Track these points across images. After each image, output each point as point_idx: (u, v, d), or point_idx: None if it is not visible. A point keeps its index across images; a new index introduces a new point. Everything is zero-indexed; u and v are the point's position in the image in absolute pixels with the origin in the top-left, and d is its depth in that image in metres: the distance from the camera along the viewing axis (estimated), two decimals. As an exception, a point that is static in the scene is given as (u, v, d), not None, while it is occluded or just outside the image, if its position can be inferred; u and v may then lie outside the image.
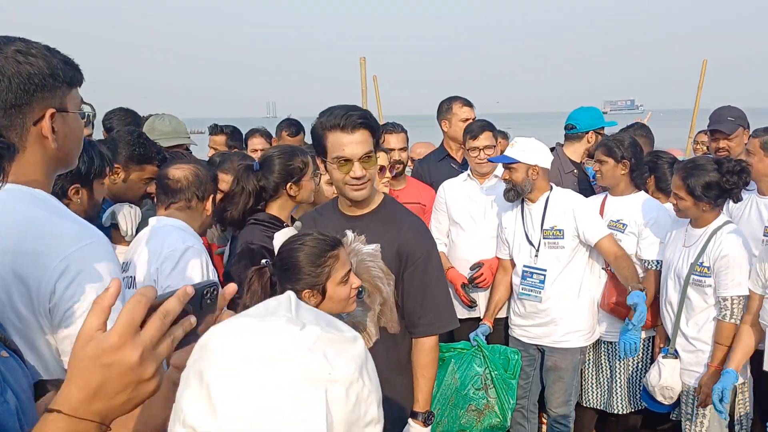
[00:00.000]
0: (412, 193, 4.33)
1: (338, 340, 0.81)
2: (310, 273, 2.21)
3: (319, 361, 0.77)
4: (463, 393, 3.60)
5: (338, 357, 0.79)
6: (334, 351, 0.79)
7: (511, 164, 3.66)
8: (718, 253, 3.31)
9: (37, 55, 1.44)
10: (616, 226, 3.84)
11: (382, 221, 2.58)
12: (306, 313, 0.85)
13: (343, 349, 0.80)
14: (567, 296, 3.74)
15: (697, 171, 3.32)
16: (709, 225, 3.40)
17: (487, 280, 4.01)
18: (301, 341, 0.78)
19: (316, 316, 0.85)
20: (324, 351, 0.78)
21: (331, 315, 0.98)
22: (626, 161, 3.83)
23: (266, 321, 0.80)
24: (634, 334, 3.57)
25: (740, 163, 3.37)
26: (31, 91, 1.43)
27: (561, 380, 3.80)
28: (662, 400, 3.53)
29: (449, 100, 4.76)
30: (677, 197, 3.38)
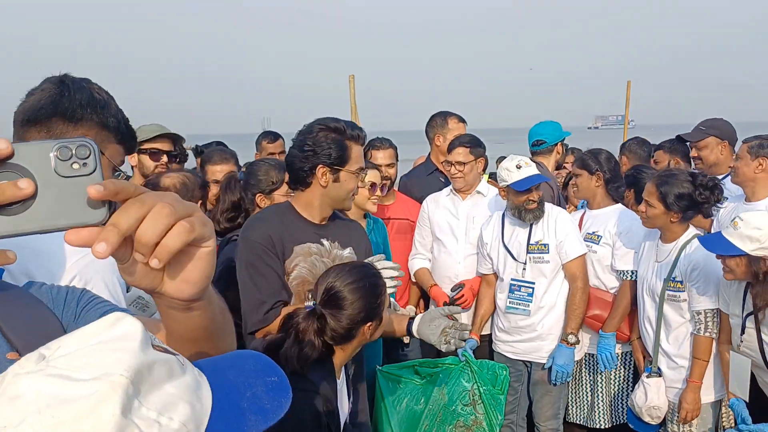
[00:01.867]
0: (401, 208, 4.33)
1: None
2: (372, 305, 2.17)
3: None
4: (451, 409, 3.60)
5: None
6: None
7: (539, 183, 3.68)
8: (688, 267, 3.34)
9: (111, 99, 1.61)
10: (591, 238, 3.89)
11: (340, 226, 2.69)
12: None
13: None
14: (553, 312, 3.77)
15: (672, 180, 3.35)
16: (678, 239, 3.43)
17: (468, 301, 4.02)
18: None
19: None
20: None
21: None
22: (600, 173, 3.89)
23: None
24: (608, 344, 3.64)
25: (714, 179, 3.41)
26: (83, 114, 1.55)
27: (549, 394, 3.82)
28: (649, 420, 3.52)
29: (444, 114, 4.73)
30: (648, 204, 3.40)
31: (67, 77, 1.56)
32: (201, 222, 0.77)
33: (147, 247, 0.73)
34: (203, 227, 0.77)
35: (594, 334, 3.85)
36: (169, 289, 0.81)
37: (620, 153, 5.13)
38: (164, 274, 0.80)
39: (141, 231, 0.72)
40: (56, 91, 1.53)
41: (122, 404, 0.63)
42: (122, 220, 0.72)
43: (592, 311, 3.77)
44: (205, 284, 0.83)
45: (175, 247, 0.74)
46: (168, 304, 0.85)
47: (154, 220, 0.72)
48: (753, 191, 3.71)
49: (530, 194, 3.67)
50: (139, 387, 0.67)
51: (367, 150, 4.39)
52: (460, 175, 4.03)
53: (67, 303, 1.19)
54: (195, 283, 0.81)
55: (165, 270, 0.79)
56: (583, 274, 3.73)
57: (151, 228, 0.72)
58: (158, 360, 0.70)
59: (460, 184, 4.08)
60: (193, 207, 0.78)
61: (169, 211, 0.73)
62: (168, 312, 0.88)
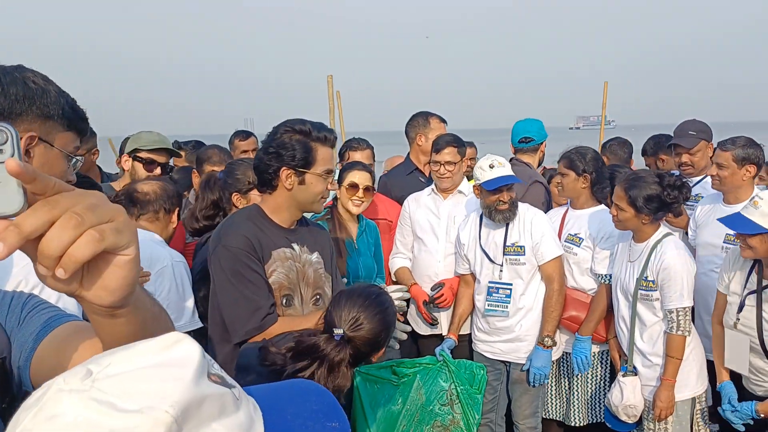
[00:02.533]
0: (380, 209, 4.32)
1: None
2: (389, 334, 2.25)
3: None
4: (429, 409, 3.60)
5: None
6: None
7: (513, 184, 3.68)
8: (660, 266, 3.36)
9: (48, 86, 1.48)
10: (573, 240, 3.89)
11: (308, 230, 2.67)
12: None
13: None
14: (531, 313, 3.78)
15: (639, 183, 3.37)
16: (650, 239, 3.45)
17: (447, 300, 4.02)
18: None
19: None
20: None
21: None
22: (587, 175, 3.87)
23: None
24: (584, 347, 3.66)
25: (681, 179, 3.44)
26: (22, 108, 1.44)
27: (527, 393, 3.83)
28: (626, 419, 3.54)
29: (425, 114, 4.73)
30: (618, 208, 3.42)
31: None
32: (116, 230, 0.72)
33: (50, 259, 0.68)
34: (118, 235, 0.73)
35: (571, 335, 3.86)
36: (88, 295, 0.76)
37: (601, 153, 5.16)
38: (81, 281, 0.75)
39: (44, 242, 0.68)
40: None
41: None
42: (27, 222, 0.67)
43: (569, 312, 3.78)
44: (126, 292, 0.78)
45: (81, 257, 0.69)
46: (90, 309, 0.81)
47: (60, 230, 0.68)
48: (736, 196, 3.69)
49: (500, 194, 3.66)
50: (183, 425, 0.61)
51: (345, 151, 4.39)
52: (449, 175, 4.03)
53: (11, 308, 1.16)
54: (113, 291, 0.77)
55: (81, 276, 0.75)
56: (559, 276, 3.74)
57: (55, 240, 0.68)
58: (211, 394, 0.65)
59: (447, 183, 4.08)
60: (113, 212, 0.73)
61: (77, 222, 0.69)
62: (92, 318, 0.84)
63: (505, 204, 3.67)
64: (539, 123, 4.81)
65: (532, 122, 4.78)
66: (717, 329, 3.37)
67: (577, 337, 3.79)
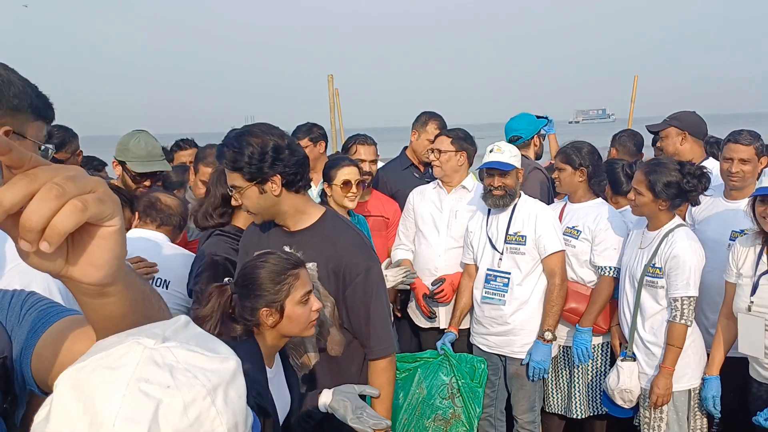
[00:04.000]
0: (376, 206, 4.34)
1: (201, 359, 0.78)
2: (269, 290, 2.17)
3: (160, 373, 0.74)
4: (430, 402, 3.63)
5: (188, 373, 0.76)
6: (185, 368, 0.76)
7: (508, 171, 3.70)
8: (669, 254, 3.37)
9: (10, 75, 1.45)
10: (571, 233, 3.90)
11: (321, 236, 2.54)
12: (185, 333, 0.82)
13: (200, 368, 0.77)
14: (526, 307, 3.79)
15: (660, 168, 3.39)
16: (663, 227, 3.46)
17: (447, 296, 4.04)
18: (150, 354, 0.76)
19: (194, 337, 0.82)
20: (172, 366, 0.76)
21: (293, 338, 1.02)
22: (584, 168, 3.89)
23: (133, 337, 0.78)
24: (584, 338, 3.67)
25: (701, 168, 3.45)
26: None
27: (524, 388, 3.84)
28: (622, 403, 3.57)
29: (429, 115, 4.76)
30: (636, 192, 3.43)
31: None
32: (98, 200, 0.70)
33: (32, 232, 0.66)
34: (102, 205, 0.71)
35: (571, 327, 3.88)
36: (75, 273, 0.74)
37: (611, 145, 5.13)
38: (66, 257, 0.73)
39: (25, 215, 0.66)
40: None
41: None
42: (6, 196, 0.65)
43: (569, 305, 3.80)
44: (115, 266, 0.76)
45: (65, 228, 0.67)
46: (78, 290, 0.79)
47: (41, 202, 0.66)
48: (745, 192, 3.61)
49: (492, 179, 3.73)
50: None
51: (352, 145, 4.41)
52: (438, 163, 4.07)
53: (11, 306, 1.16)
54: (101, 266, 0.75)
55: (66, 253, 0.73)
56: (561, 271, 3.75)
57: (36, 211, 0.65)
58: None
59: (438, 172, 4.12)
60: (94, 183, 0.71)
61: (58, 193, 0.66)
62: (82, 300, 0.82)
63: (498, 190, 3.73)
64: (528, 117, 4.83)
65: (520, 119, 4.81)
66: (724, 322, 3.36)
67: (577, 329, 3.81)
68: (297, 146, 2.52)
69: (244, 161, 2.36)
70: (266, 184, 2.41)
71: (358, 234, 2.64)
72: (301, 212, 2.54)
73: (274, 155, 2.39)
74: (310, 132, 4.61)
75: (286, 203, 2.48)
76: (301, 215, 2.54)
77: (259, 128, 2.44)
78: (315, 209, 2.60)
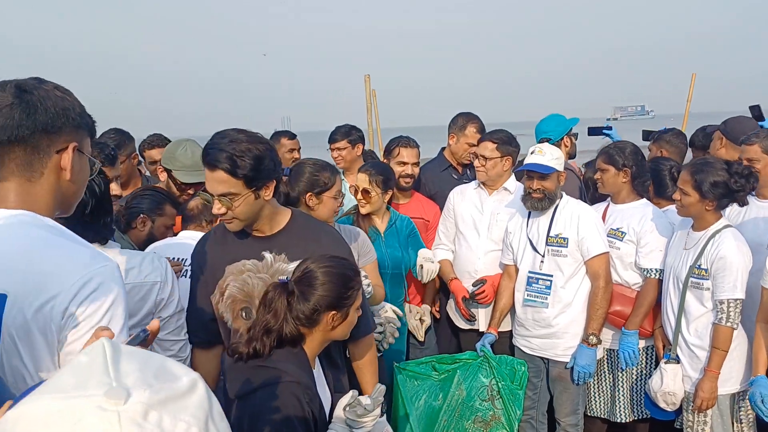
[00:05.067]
0: (417, 208, 4.35)
1: (173, 396, 0.72)
2: (341, 294, 2.18)
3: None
4: (470, 404, 3.63)
5: (177, 420, 0.71)
6: (170, 415, 0.71)
7: (547, 173, 3.66)
8: (715, 255, 3.31)
9: (71, 95, 1.54)
10: (615, 234, 3.85)
11: (298, 236, 2.54)
12: (128, 365, 0.74)
13: (181, 408, 0.72)
14: (570, 309, 3.75)
15: (707, 168, 3.34)
16: (709, 227, 3.41)
17: (488, 297, 4.02)
18: (128, 420, 0.68)
19: (142, 367, 0.75)
20: (159, 420, 0.70)
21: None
22: (627, 169, 3.83)
23: (76, 400, 0.69)
24: (631, 341, 3.62)
25: (749, 168, 3.39)
26: (62, 122, 1.50)
27: (567, 391, 3.81)
28: (665, 406, 3.52)
29: (467, 117, 4.71)
30: (682, 192, 3.38)
31: (25, 85, 1.48)
32: None
33: None
34: None
35: (616, 330, 3.83)
36: None
37: (655, 143, 5.01)
38: None
39: None
40: (26, 104, 1.46)
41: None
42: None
43: (614, 307, 3.74)
44: None
45: None
46: None
47: None
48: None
49: (531, 182, 3.70)
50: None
51: (395, 147, 4.41)
52: (482, 168, 4.06)
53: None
54: None
55: None
56: (605, 273, 3.69)
57: None
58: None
59: (482, 177, 4.11)
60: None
61: None
62: None
63: (537, 192, 3.69)
64: (557, 119, 4.77)
65: (549, 120, 4.75)
66: (763, 327, 3.28)
67: (623, 332, 3.75)
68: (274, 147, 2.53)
69: (249, 170, 2.34)
70: (262, 189, 2.41)
71: (332, 229, 2.77)
72: (275, 214, 2.55)
73: (273, 161, 2.42)
74: (349, 134, 4.63)
75: (267, 207, 2.49)
76: (275, 217, 2.55)
77: (247, 135, 2.42)
78: (284, 211, 2.60)
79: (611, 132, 5.46)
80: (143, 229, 3.21)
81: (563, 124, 4.72)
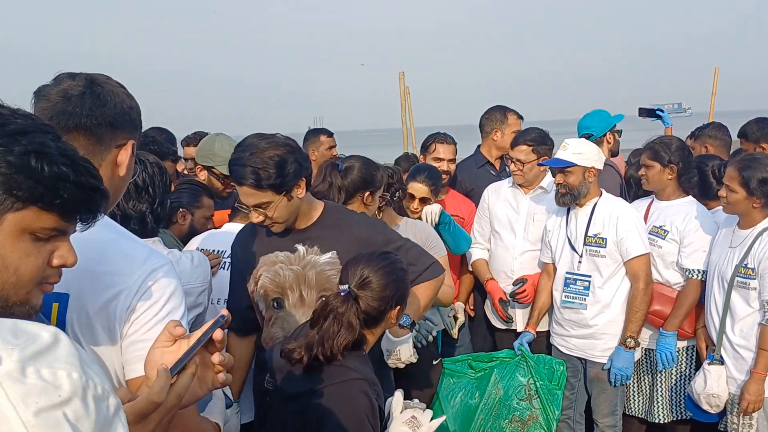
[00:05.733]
0: (452, 205, 4.32)
1: (42, 349, 0.73)
2: (401, 290, 2.25)
3: (39, 390, 0.70)
4: (507, 403, 3.59)
5: (55, 369, 0.72)
6: (47, 366, 0.72)
7: (566, 168, 3.61)
8: (763, 254, 3.24)
9: (132, 96, 1.59)
10: (657, 232, 3.77)
11: (331, 227, 2.57)
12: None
13: (54, 359, 0.73)
14: (609, 310, 3.68)
15: (755, 164, 3.26)
16: (756, 225, 3.33)
17: (529, 296, 3.97)
18: (9, 381, 0.69)
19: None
20: (38, 373, 0.71)
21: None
22: (673, 165, 3.74)
23: None
24: (669, 343, 3.54)
25: None
26: (125, 119, 1.55)
27: (605, 392, 3.75)
28: (708, 408, 3.45)
29: (503, 110, 4.70)
30: (729, 189, 3.30)
31: (95, 78, 1.54)
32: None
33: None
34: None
35: (654, 330, 3.76)
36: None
37: (697, 140, 4.90)
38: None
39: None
40: (96, 96, 1.51)
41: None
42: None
43: (653, 307, 3.66)
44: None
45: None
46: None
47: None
48: None
49: (557, 177, 3.66)
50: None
51: (431, 143, 4.39)
52: (519, 172, 4.01)
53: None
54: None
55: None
56: (645, 275, 3.60)
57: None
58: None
59: (519, 180, 4.07)
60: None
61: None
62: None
63: (561, 188, 3.66)
64: (600, 114, 4.71)
65: (592, 116, 4.70)
66: None
67: (661, 333, 3.68)
68: (297, 144, 2.55)
69: (274, 178, 2.37)
70: (293, 190, 2.44)
71: (364, 214, 2.76)
72: (310, 208, 2.59)
73: (296, 162, 2.42)
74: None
75: (304, 203, 2.54)
76: (310, 211, 2.59)
77: (267, 140, 2.44)
78: (317, 203, 2.64)
79: (663, 114, 5.35)
80: (184, 223, 3.25)
81: (606, 120, 4.65)
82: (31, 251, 1.03)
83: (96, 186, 1.07)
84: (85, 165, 1.06)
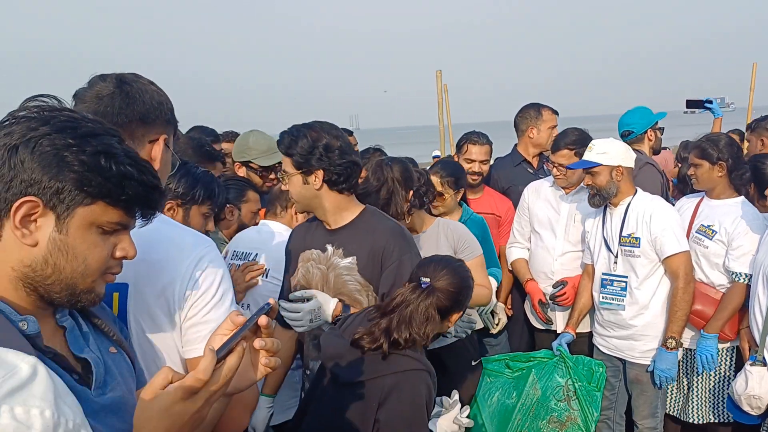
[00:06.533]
0: (488, 203, 4.30)
1: (18, 386, 0.75)
2: (467, 298, 2.35)
3: (12, 430, 0.71)
4: (545, 404, 3.56)
5: (28, 408, 0.74)
6: (21, 405, 0.74)
7: (592, 168, 3.56)
8: None
9: (164, 92, 1.66)
10: (705, 232, 3.68)
11: (361, 230, 2.62)
12: None
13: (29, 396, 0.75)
14: (647, 311, 3.62)
15: None
16: None
17: (569, 299, 3.92)
18: None
19: None
20: (11, 413, 0.72)
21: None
22: (723, 163, 3.64)
23: None
24: (709, 345, 3.45)
25: None
26: (156, 114, 1.61)
27: (645, 393, 3.70)
28: (749, 410, 3.37)
29: (537, 106, 4.66)
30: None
31: (124, 78, 1.60)
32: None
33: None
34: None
35: (696, 331, 3.68)
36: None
37: (754, 132, 4.79)
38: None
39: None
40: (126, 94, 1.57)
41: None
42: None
43: (695, 306, 3.58)
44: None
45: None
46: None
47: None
48: None
49: (585, 179, 3.63)
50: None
51: (464, 143, 4.37)
52: (562, 177, 3.97)
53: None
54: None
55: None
56: (684, 273, 3.50)
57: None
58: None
59: (562, 183, 4.03)
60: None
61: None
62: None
63: (591, 189, 3.63)
64: (641, 111, 4.63)
65: (633, 113, 4.62)
66: None
67: (702, 334, 3.61)
68: (350, 149, 2.60)
69: (296, 150, 2.51)
70: (310, 176, 2.53)
71: (397, 224, 2.72)
72: (343, 210, 2.63)
73: (323, 151, 2.50)
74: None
75: (327, 200, 2.58)
76: (342, 212, 2.63)
77: (320, 125, 2.57)
78: (356, 207, 2.67)
79: (713, 105, 5.22)
80: (231, 218, 3.30)
81: (647, 117, 4.57)
82: (98, 243, 1.13)
83: (156, 184, 1.17)
84: (146, 165, 1.16)
